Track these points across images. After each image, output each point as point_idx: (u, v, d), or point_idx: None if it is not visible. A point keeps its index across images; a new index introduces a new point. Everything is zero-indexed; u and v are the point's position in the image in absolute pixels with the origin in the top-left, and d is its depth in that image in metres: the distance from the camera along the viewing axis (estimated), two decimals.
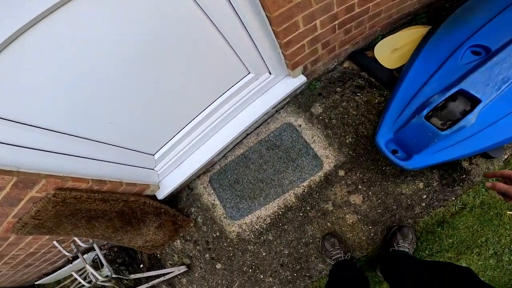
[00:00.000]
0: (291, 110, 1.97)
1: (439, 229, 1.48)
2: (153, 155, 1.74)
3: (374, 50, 1.90)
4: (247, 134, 1.95)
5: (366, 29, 1.82)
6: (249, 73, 1.73)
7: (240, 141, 1.96)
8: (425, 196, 1.53)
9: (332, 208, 1.65)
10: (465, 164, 1.54)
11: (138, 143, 1.59)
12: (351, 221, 1.60)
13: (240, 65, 1.64)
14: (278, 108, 1.98)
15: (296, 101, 2.00)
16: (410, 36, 1.86)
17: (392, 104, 1.54)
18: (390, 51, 1.86)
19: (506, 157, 1.49)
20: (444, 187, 1.52)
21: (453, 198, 1.49)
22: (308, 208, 1.68)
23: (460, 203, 1.48)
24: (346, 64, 2.01)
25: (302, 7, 1.39)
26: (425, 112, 1.32)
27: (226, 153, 1.95)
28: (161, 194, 1.75)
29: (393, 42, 1.88)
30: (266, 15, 1.34)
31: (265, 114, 1.88)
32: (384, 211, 1.56)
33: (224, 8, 1.27)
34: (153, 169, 1.76)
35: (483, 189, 1.48)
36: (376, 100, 1.85)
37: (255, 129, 1.97)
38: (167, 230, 1.72)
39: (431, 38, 1.61)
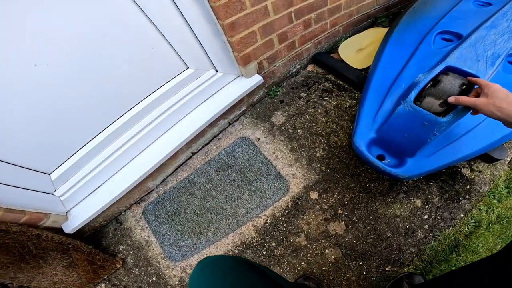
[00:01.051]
0: (248, 121, 1.61)
1: (454, 255, 1.10)
2: (49, 174, 1.25)
3: (339, 50, 1.71)
4: (193, 154, 1.54)
5: (327, 26, 1.62)
6: (188, 68, 1.37)
7: (184, 162, 1.53)
8: (426, 216, 1.17)
9: (305, 242, 1.22)
10: (466, 172, 1.24)
11: (20, 154, 1.11)
12: (333, 257, 1.17)
13: (173, 55, 1.28)
14: (232, 120, 1.61)
15: (254, 111, 1.65)
16: (374, 35, 1.76)
17: (367, 96, 1.24)
18: (356, 51, 1.67)
19: (509, 159, 1.24)
20: (448, 203, 1.18)
21: (462, 215, 1.16)
22: (273, 244, 1.24)
23: (473, 221, 1.14)
24: (310, 68, 1.74)
25: None
26: (413, 94, 1.01)
27: (166, 177, 1.50)
28: (69, 227, 1.25)
29: (358, 42, 1.74)
30: None
31: (214, 126, 1.51)
32: (377, 240, 1.16)
33: None
34: (51, 194, 1.26)
35: (495, 200, 1.16)
36: (347, 104, 1.54)
37: (203, 147, 1.56)
38: (83, 271, 1.29)
39: (396, 28, 1.47)
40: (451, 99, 0.89)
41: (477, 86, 0.86)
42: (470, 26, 1.25)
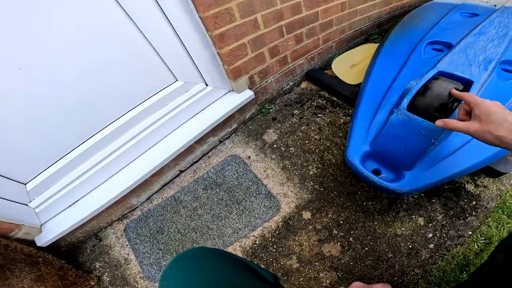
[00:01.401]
0: (239, 139, 1.55)
1: (465, 275, 0.99)
2: (25, 184, 1.18)
3: (332, 67, 1.70)
4: (181, 171, 1.47)
5: (319, 41, 1.61)
6: (176, 80, 1.34)
7: (172, 180, 1.45)
8: (430, 235, 1.08)
9: (297, 265, 1.11)
10: (470, 187, 1.16)
11: None
12: (328, 281, 1.06)
13: (161, 66, 1.25)
14: (223, 138, 1.55)
15: (246, 128, 1.60)
16: (367, 51, 1.78)
17: (359, 109, 1.21)
18: (349, 67, 1.66)
19: None
20: (454, 220, 1.10)
21: (470, 233, 1.06)
22: (262, 266, 1.12)
23: (483, 238, 1.04)
24: (303, 85, 1.72)
25: None
26: (406, 101, 0.97)
27: (152, 195, 1.42)
28: (42, 240, 1.16)
29: (351, 58, 1.75)
30: None
31: (204, 143, 1.46)
32: (377, 261, 1.06)
33: None
34: (26, 205, 1.18)
35: (504, 215, 1.07)
36: (341, 120, 1.49)
37: (192, 164, 1.49)
38: (52, 286, 1.17)
39: (387, 40, 1.49)
40: (438, 123, 0.76)
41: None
42: (459, 35, 1.25)
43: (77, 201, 1.25)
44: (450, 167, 0.97)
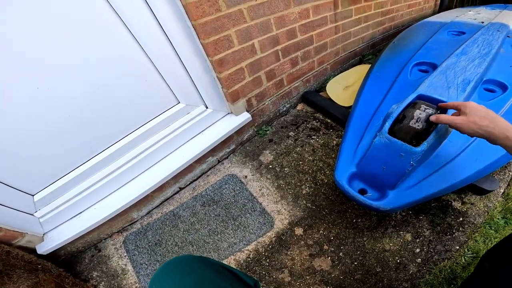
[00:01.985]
0: (237, 160, 1.64)
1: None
2: (32, 195, 1.26)
3: (327, 89, 1.79)
4: (181, 188, 1.54)
5: (314, 64, 1.71)
6: (179, 102, 1.44)
7: (171, 196, 1.53)
8: (418, 250, 1.13)
9: (289, 278, 1.17)
10: (457, 205, 1.23)
11: (7, 172, 1.14)
12: None
13: (165, 89, 1.36)
14: (221, 158, 1.64)
15: (243, 149, 1.69)
16: (360, 72, 1.85)
17: (348, 132, 1.29)
18: (343, 89, 1.75)
19: (502, 190, 1.22)
20: (441, 235, 1.15)
21: (457, 247, 1.12)
22: (255, 278, 1.18)
23: (470, 252, 1.10)
24: (299, 107, 1.81)
25: (234, 19, 1.23)
26: (387, 126, 1.04)
27: (152, 209, 1.49)
28: (43, 248, 1.22)
29: (344, 80, 1.83)
30: (191, 23, 1.13)
31: (203, 162, 1.55)
32: (366, 275, 1.11)
33: (137, 4, 1.08)
34: (31, 215, 1.26)
35: (491, 230, 1.13)
36: (334, 142, 1.58)
37: (191, 182, 1.57)
38: None
39: (377, 62, 1.56)
40: (432, 118, 0.90)
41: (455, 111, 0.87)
42: (444, 55, 1.32)
43: (81, 212, 1.33)
44: (431, 186, 1.03)
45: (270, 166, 1.56)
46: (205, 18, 1.12)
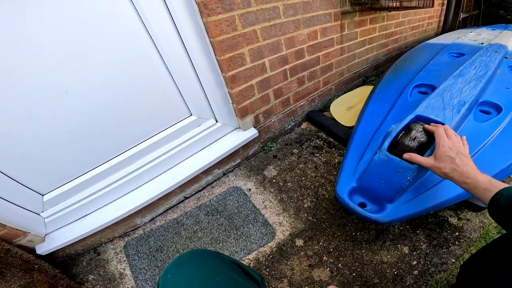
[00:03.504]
0: (242, 173, 1.73)
1: None
2: (42, 195, 1.33)
3: (330, 109, 1.89)
4: (186, 198, 1.62)
5: (320, 84, 1.83)
6: (191, 115, 1.55)
7: (176, 204, 1.61)
8: (415, 262, 1.19)
9: None
10: (453, 221, 1.31)
11: (22, 170, 1.21)
12: None
13: (180, 101, 1.47)
14: (227, 171, 1.73)
15: (249, 164, 1.78)
16: (363, 93, 1.95)
17: (350, 150, 1.38)
18: (346, 109, 1.85)
19: None
20: (437, 249, 1.22)
21: (453, 260, 1.18)
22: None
23: None
24: (304, 125, 1.91)
25: (249, 38, 1.35)
26: (386, 144, 1.14)
27: (156, 216, 1.56)
28: (42, 249, 1.27)
29: (348, 100, 1.93)
30: (209, 40, 1.26)
31: (209, 174, 1.64)
32: (364, 286, 1.17)
33: (163, 21, 1.21)
34: (38, 214, 1.32)
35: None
36: (336, 160, 1.67)
37: (196, 192, 1.65)
38: None
39: (379, 84, 1.65)
40: (405, 156, 1.01)
41: None
42: (442, 77, 1.41)
43: (86, 215, 1.39)
44: (427, 200, 1.11)
45: (274, 181, 1.65)
46: (222, 36, 1.25)
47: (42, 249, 1.27)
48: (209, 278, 0.64)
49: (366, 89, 2.03)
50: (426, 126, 1.05)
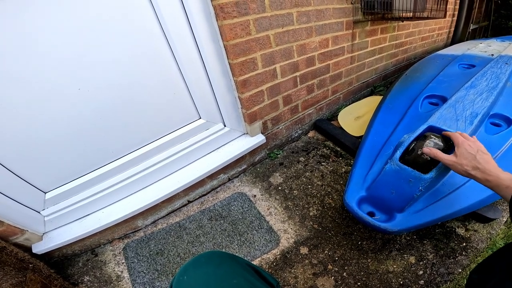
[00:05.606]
0: (247, 179, 1.76)
1: None
2: (45, 193, 1.35)
3: (338, 118, 1.94)
4: (189, 202, 1.65)
5: (328, 92, 1.87)
6: (200, 118, 1.58)
7: (179, 208, 1.63)
8: (421, 272, 1.22)
9: None
10: (461, 231, 1.33)
11: (26, 165, 1.23)
12: None
13: (190, 103, 1.51)
14: (232, 176, 1.76)
15: (254, 170, 1.81)
16: (371, 103, 1.99)
17: (359, 158, 1.42)
18: (354, 119, 1.89)
19: (505, 219, 1.32)
20: (444, 259, 1.25)
21: (460, 270, 1.20)
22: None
23: None
24: (311, 134, 1.95)
25: (261, 43, 1.40)
26: (398, 154, 1.17)
27: (158, 219, 1.58)
28: (39, 248, 1.28)
29: (356, 110, 1.97)
30: (223, 43, 1.31)
31: (214, 179, 1.67)
32: None
33: (180, 21, 1.25)
34: (38, 212, 1.33)
35: None
36: (343, 170, 1.70)
37: (200, 196, 1.68)
38: None
39: (389, 94, 1.69)
40: (425, 150, 1.03)
41: None
42: (454, 89, 1.45)
43: (87, 215, 1.41)
44: (437, 211, 1.14)
45: (279, 188, 1.67)
46: (236, 40, 1.29)
47: (39, 248, 1.28)
48: (227, 280, 0.65)
49: (374, 99, 2.08)
50: (444, 132, 1.09)
